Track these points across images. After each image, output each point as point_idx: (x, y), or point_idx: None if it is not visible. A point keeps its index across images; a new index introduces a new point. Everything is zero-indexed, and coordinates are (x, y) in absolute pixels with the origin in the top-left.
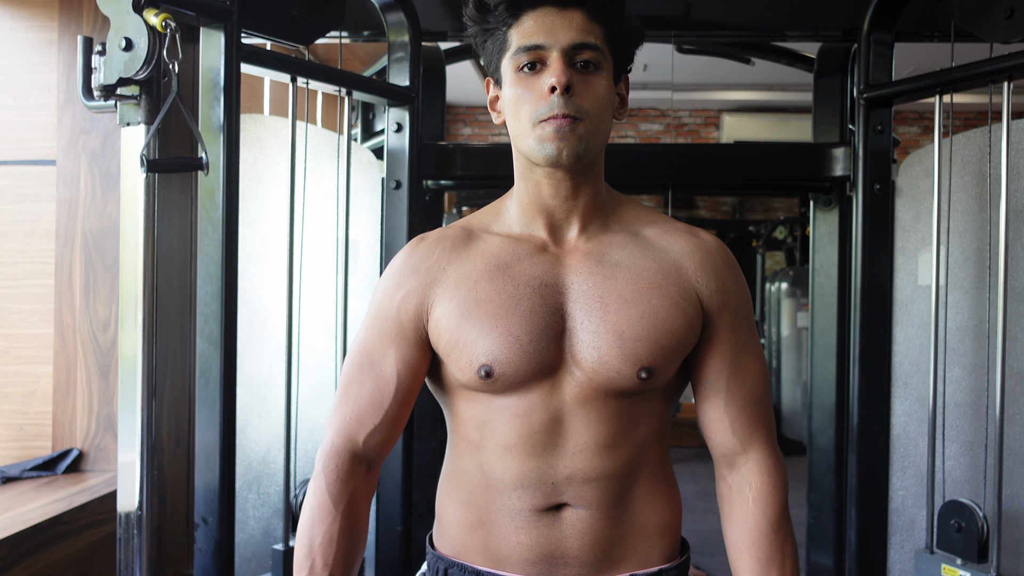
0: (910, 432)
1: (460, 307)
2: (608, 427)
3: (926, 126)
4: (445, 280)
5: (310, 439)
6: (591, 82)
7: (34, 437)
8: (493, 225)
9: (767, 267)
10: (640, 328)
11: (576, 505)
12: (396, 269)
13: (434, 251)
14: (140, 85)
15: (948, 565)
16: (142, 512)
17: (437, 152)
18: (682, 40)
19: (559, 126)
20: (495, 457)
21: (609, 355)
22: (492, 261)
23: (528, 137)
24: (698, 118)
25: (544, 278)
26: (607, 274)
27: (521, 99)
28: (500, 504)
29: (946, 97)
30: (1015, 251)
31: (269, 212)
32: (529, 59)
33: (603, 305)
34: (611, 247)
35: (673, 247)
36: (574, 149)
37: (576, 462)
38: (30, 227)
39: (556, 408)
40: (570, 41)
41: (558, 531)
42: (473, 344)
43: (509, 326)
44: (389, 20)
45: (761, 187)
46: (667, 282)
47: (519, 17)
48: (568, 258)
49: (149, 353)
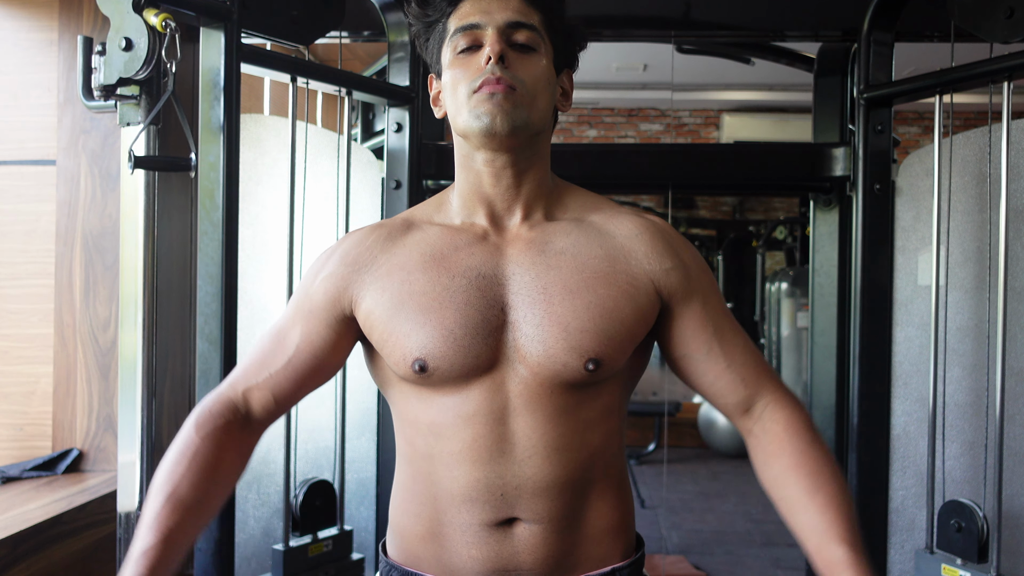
0: (910, 432)
1: (392, 299)
2: (557, 426)
3: (926, 126)
4: (376, 270)
5: (310, 439)
6: (528, 59)
7: (34, 437)
8: (435, 216)
9: (767, 267)
10: (586, 319)
11: (528, 520)
12: (326, 254)
13: (367, 240)
14: (140, 85)
15: (948, 565)
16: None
17: (437, 152)
18: (682, 40)
19: (493, 91)
20: (443, 466)
21: (555, 347)
22: (428, 251)
23: (463, 110)
24: (698, 118)
25: (482, 269)
26: (551, 263)
27: (458, 78)
28: (450, 518)
29: (946, 97)
30: (1015, 251)
31: (269, 212)
32: (466, 41)
33: (547, 296)
34: (555, 235)
35: (620, 231)
36: (510, 116)
37: (526, 469)
38: (30, 227)
39: (500, 407)
40: (506, 19)
41: (510, 546)
42: (406, 337)
43: (443, 319)
44: (389, 20)
45: (761, 187)
46: (614, 270)
47: (457, 5)
48: (509, 248)
49: (149, 353)
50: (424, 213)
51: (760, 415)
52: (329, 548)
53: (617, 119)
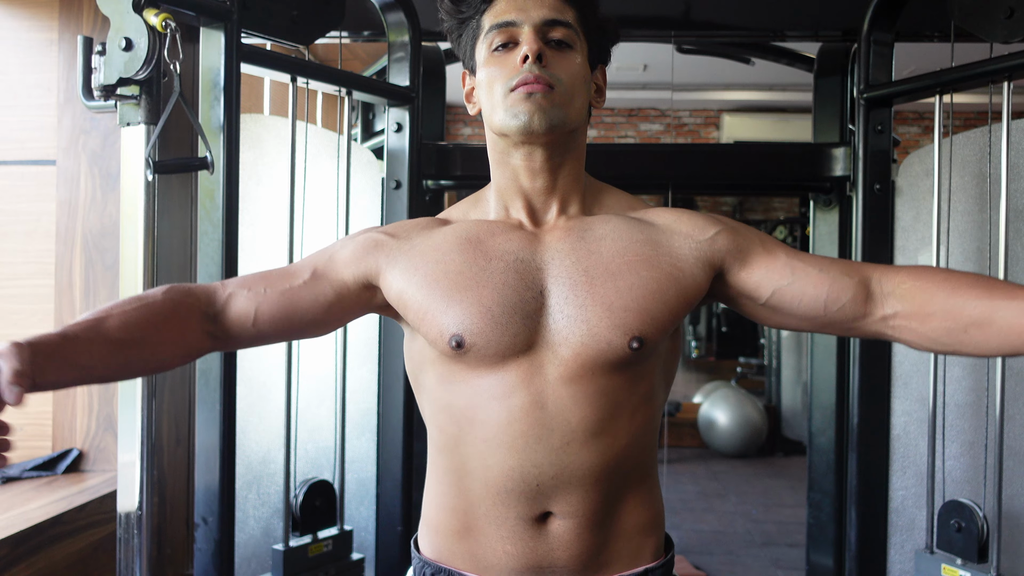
0: (910, 432)
1: (426, 276)
2: (597, 410)
3: (926, 126)
4: (410, 249)
5: (310, 439)
6: (565, 56)
7: (34, 437)
8: (471, 213)
9: None
10: (630, 299)
11: (562, 516)
12: (362, 229)
13: (404, 224)
14: (140, 85)
15: (948, 565)
16: (142, 512)
17: (437, 152)
18: (682, 40)
19: (531, 90)
20: (476, 454)
21: (599, 326)
22: (463, 235)
23: (499, 108)
24: (698, 118)
25: (520, 254)
26: (591, 248)
27: (494, 76)
28: (484, 511)
29: (946, 97)
30: (1015, 251)
31: (269, 212)
32: (502, 38)
33: (588, 278)
34: (594, 224)
35: (659, 220)
36: (547, 115)
37: (563, 457)
38: (30, 227)
39: (538, 389)
40: (542, 17)
41: (544, 543)
42: (442, 314)
43: (479, 297)
44: (389, 20)
45: (761, 187)
46: (657, 252)
47: (491, 2)
48: (547, 236)
49: None
50: (460, 211)
51: (884, 289)
52: (329, 548)
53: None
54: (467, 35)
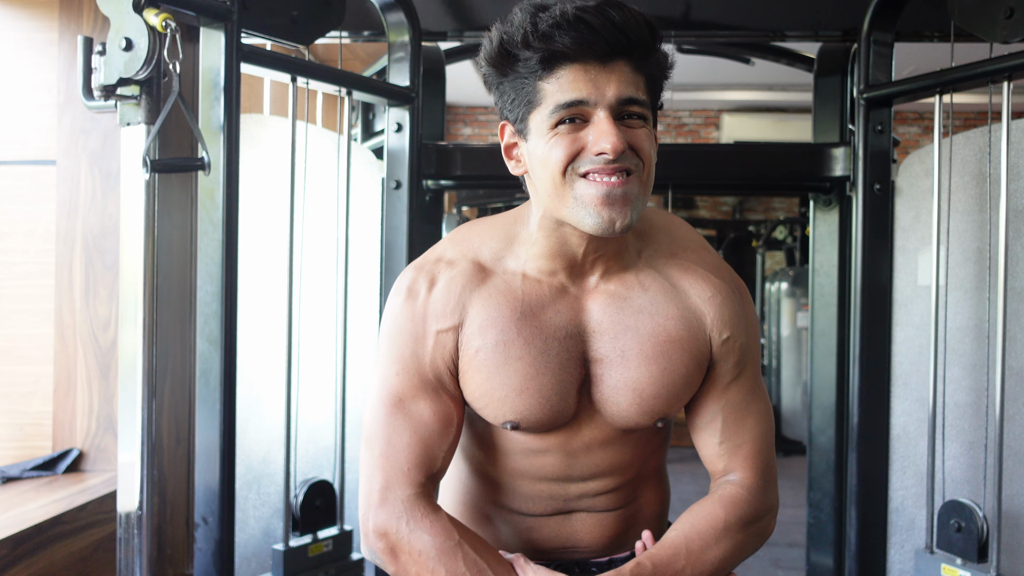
0: (910, 432)
1: (488, 361)
2: (622, 455)
3: (926, 126)
4: (470, 323)
5: (310, 439)
6: (638, 136)
7: (34, 437)
8: (508, 260)
9: (767, 267)
10: (660, 386)
11: (586, 510)
12: (418, 311)
13: (454, 289)
14: (140, 85)
15: (948, 565)
16: (142, 512)
17: (437, 152)
18: (682, 40)
19: (611, 192)
20: (506, 476)
21: (629, 410)
22: (518, 306)
23: (567, 197)
24: (698, 118)
25: (568, 328)
26: (628, 324)
27: (556, 155)
28: (508, 512)
29: (946, 97)
30: (1015, 251)
31: (269, 212)
32: (571, 115)
33: (624, 360)
34: (633, 288)
35: (694, 290)
36: (629, 216)
37: (589, 484)
38: (30, 227)
39: (572, 449)
40: (617, 96)
41: (568, 528)
42: (502, 402)
43: (540, 387)
44: (389, 20)
45: (761, 187)
46: (688, 335)
47: (554, 70)
48: (589, 302)
49: (149, 353)
50: (492, 253)
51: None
52: (329, 548)
53: None
54: (516, 93)
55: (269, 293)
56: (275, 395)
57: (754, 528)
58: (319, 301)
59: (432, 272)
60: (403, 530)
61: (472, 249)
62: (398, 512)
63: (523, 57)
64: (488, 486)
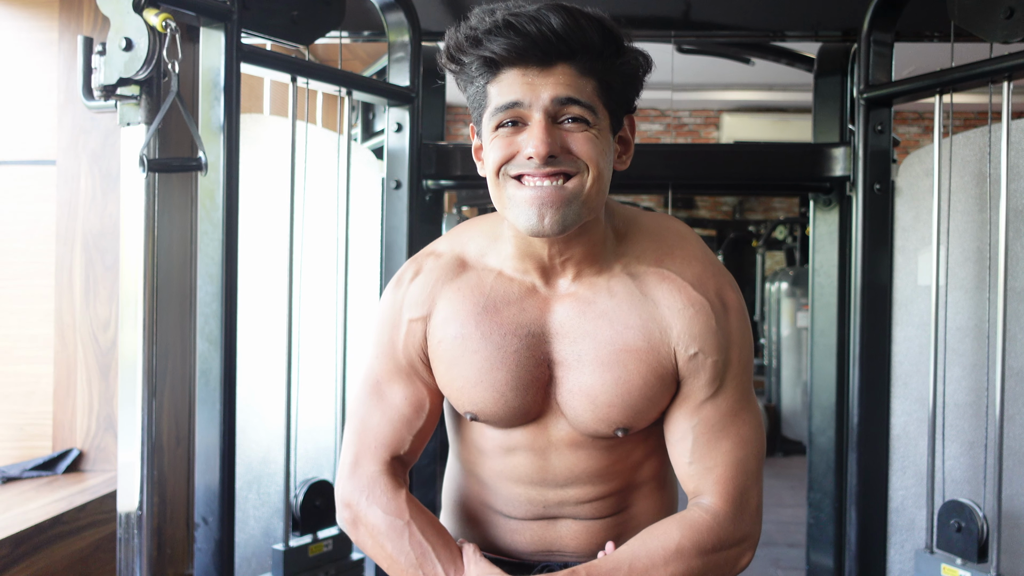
0: (910, 432)
1: (448, 352)
2: (596, 461)
3: (926, 126)
4: (436, 315)
5: (310, 439)
6: (582, 134)
7: (34, 437)
8: (489, 257)
9: (767, 267)
10: (614, 394)
11: (571, 517)
12: (397, 300)
13: (429, 281)
14: (140, 85)
15: (948, 565)
16: (142, 512)
17: (437, 152)
18: (682, 40)
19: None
20: (488, 477)
21: (584, 416)
22: (480, 301)
23: (505, 198)
24: (698, 118)
25: (532, 327)
26: (587, 329)
27: (497, 157)
28: (494, 513)
29: (946, 97)
30: (1015, 251)
31: (269, 212)
32: (508, 117)
33: (580, 365)
34: (600, 293)
35: (666, 301)
36: (560, 217)
37: (568, 491)
38: (30, 227)
39: (542, 447)
40: (553, 96)
41: (553, 533)
42: (460, 392)
43: (495, 381)
44: (389, 20)
45: (761, 187)
46: (648, 346)
47: (497, 73)
48: (556, 304)
49: (149, 353)
50: (478, 250)
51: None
52: (329, 548)
53: None
54: (473, 94)
55: (269, 293)
56: (275, 395)
57: (716, 557)
58: (319, 301)
59: (419, 264)
60: (363, 503)
61: (461, 244)
62: (361, 486)
63: (467, 61)
64: (477, 486)
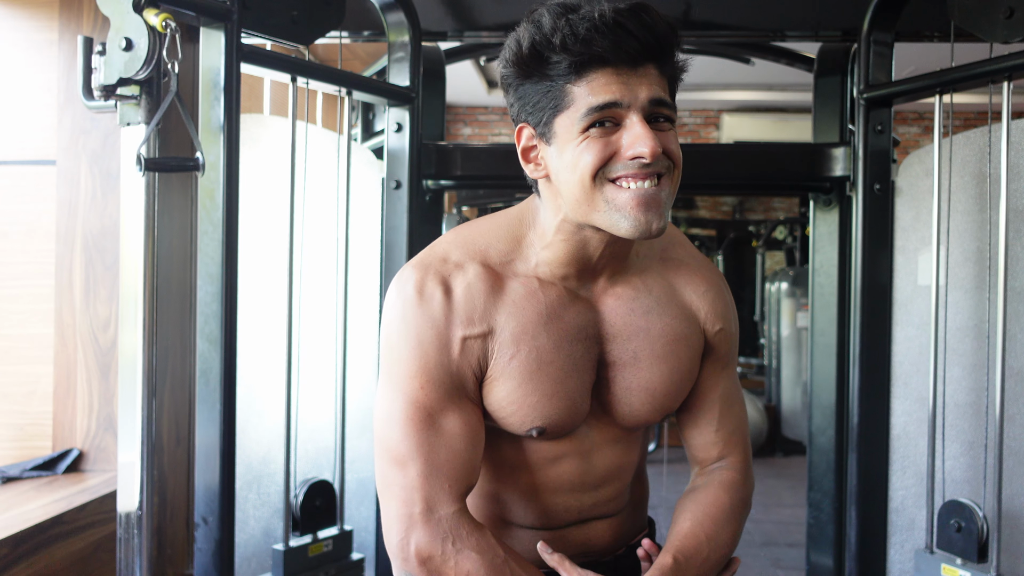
0: (910, 432)
1: (522, 369)
2: (626, 453)
3: (926, 126)
4: (501, 331)
5: (310, 439)
6: (669, 139)
7: (34, 437)
8: (517, 263)
9: (767, 267)
10: (670, 383)
11: (599, 516)
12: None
13: (477, 294)
14: (140, 85)
15: (948, 565)
16: (142, 512)
17: (437, 152)
18: (682, 40)
19: (648, 195)
20: (518, 492)
21: (641, 409)
22: (543, 311)
23: (598, 201)
24: (698, 118)
25: (588, 330)
26: (640, 325)
27: (587, 159)
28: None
29: (946, 97)
30: (1015, 251)
31: (269, 212)
32: (603, 117)
33: (636, 363)
34: (639, 290)
35: (689, 287)
36: (664, 217)
37: (600, 492)
38: (30, 227)
39: (586, 450)
40: (649, 97)
41: (582, 536)
42: (533, 407)
43: (568, 390)
44: (389, 20)
45: (761, 187)
46: (690, 331)
47: (585, 73)
48: (601, 305)
49: (149, 353)
50: (500, 256)
51: (713, 471)
52: (329, 548)
53: None
54: (542, 96)
55: (269, 293)
56: (275, 395)
57: (747, 507)
58: (319, 301)
59: (441, 273)
60: (449, 551)
61: (479, 251)
62: (443, 532)
63: (554, 60)
64: (493, 505)
